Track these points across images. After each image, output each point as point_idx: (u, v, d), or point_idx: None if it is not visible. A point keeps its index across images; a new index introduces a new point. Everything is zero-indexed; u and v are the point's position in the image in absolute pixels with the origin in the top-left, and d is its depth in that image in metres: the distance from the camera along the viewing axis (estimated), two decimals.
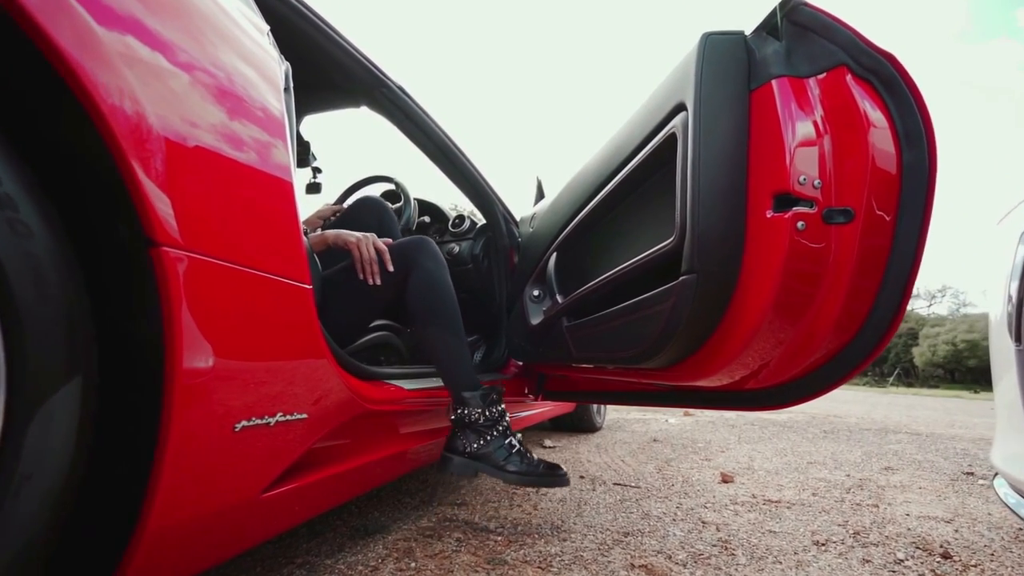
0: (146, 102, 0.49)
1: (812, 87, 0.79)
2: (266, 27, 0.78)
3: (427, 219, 1.99)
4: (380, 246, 1.14)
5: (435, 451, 1.35)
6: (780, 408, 1.00)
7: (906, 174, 0.77)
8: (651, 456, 2.23)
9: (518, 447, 1.15)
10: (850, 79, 0.77)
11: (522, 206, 1.84)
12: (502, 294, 1.65)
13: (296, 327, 0.71)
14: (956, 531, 1.31)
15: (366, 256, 1.12)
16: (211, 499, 0.60)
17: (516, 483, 1.12)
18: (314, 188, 1.65)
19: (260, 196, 0.65)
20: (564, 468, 1.18)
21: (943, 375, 36.03)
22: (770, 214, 0.78)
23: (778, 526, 1.31)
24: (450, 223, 1.88)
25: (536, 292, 1.45)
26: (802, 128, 0.78)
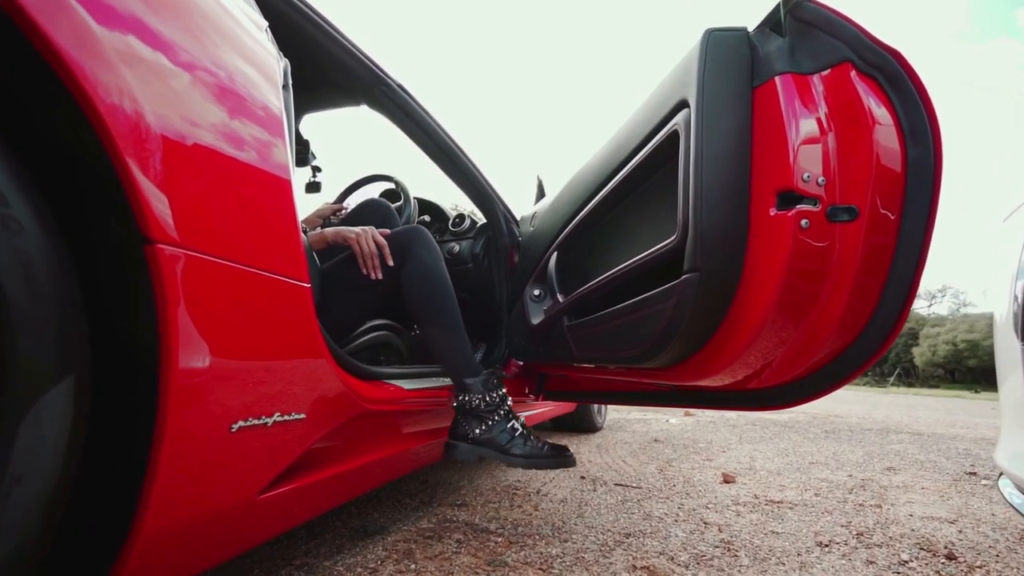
0: (141, 98, 0.48)
1: (816, 84, 0.78)
2: (264, 23, 0.77)
3: (427, 218, 1.98)
4: (380, 240, 1.15)
5: (435, 451, 1.34)
6: (783, 408, 0.99)
7: (911, 171, 0.76)
8: (652, 456, 2.22)
9: (521, 430, 1.15)
10: (854, 75, 0.76)
11: (522, 205, 1.83)
12: (502, 293, 1.64)
13: (294, 326, 0.70)
14: (960, 532, 1.30)
15: (367, 251, 1.13)
16: (207, 500, 0.59)
17: (521, 466, 1.12)
18: (314, 187, 1.64)
19: (258, 193, 0.64)
20: (569, 449, 1.18)
21: (943, 375, 36.02)
22: (773, 212, 0.77)
23: (781, 527, 1.30)
24: (450, 222, 1.88)
25: (537, 291, 1.44)
26: (806, 125, 0.77)
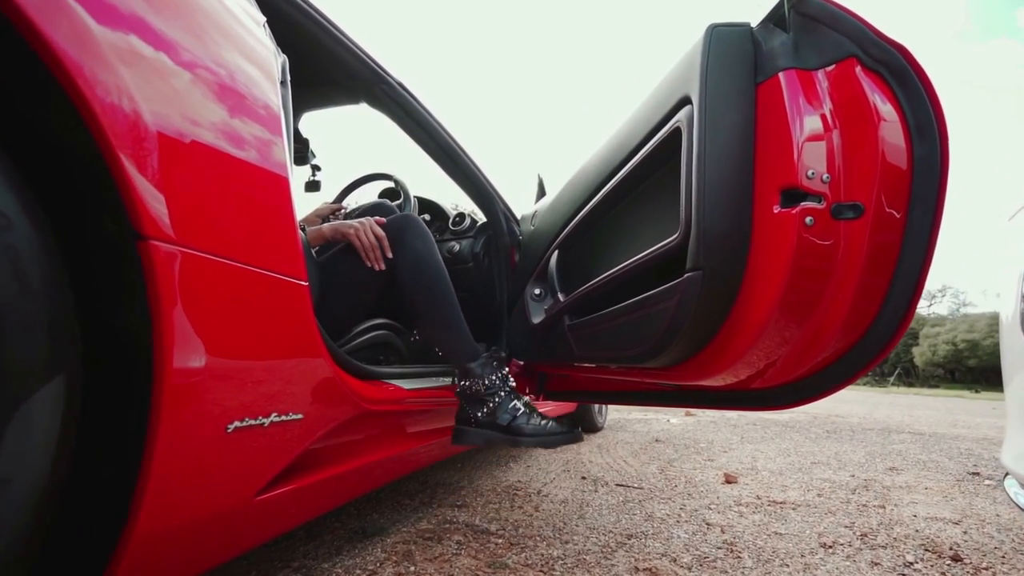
0: (135, 91, 0.47)
1: (820, 79, 0.77)
2: (262, 18, 0.76)
3: (427, 217, 1.97)
4: (379, 232, 1.15)
5: (436, 451, 1.33)
6: (786, 408, 0.98)
7: (917, 168, 0.75)
8: (653, 456, 2.21)
9: (524, 409, 1.15)
10: (859, 71, 0.75)
11: (523, 204, 1.82)
12: (503, 293, 1.63)
13: (291, 324, 0.69)
14: (965, 533, 1.29)
15: (367, 243, 1.13)
16: (202, 502, 0.58)
17: (528, 445, 1.12)
18: (313, 186, 1.63)
19: (254, 190, 0.63)
20: (573, 425, 1.19)
21: (943, 375, 36.01)
22: (777, 209, 0.76)
23: (784, 528, 1.29)
24: (450, 221, 1.86)
25: (537, 290, 1.44)
26: (810, 121, 0.76)
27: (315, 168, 1.58)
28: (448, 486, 1.61)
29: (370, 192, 1.95)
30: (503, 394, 1.15)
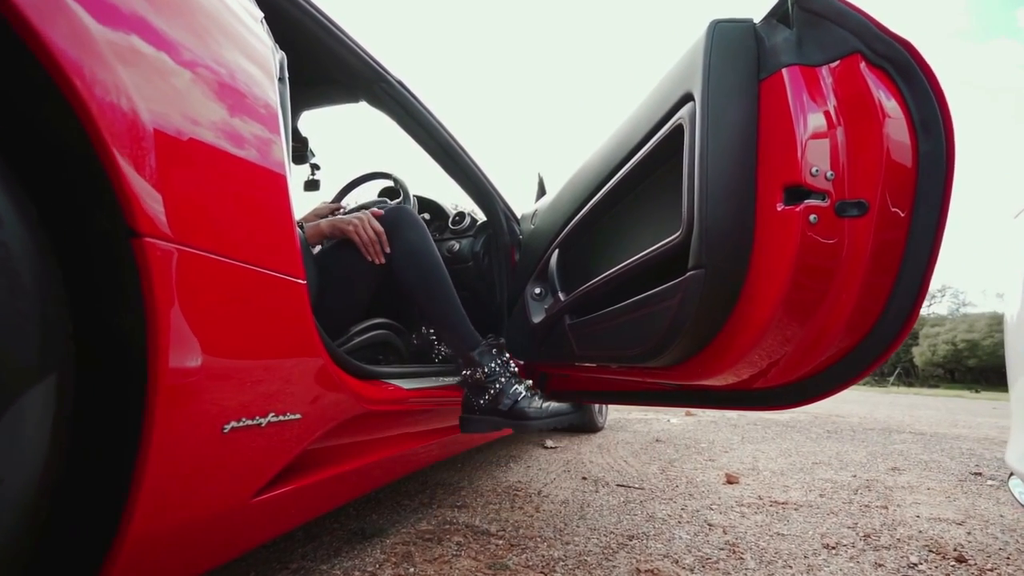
0: (129, 87, 0.46)
1: (824, 76, 0.76)
2: (260, 14, 0.75)
3: (427, 216, 1.96)
4: (378, 227, 1.15)
5: (435, 452, 1.32)
6: (788, 408, 0.97)
7: (922, 165, 0.74)
8: (654, 457, 2.20)
9: (526, 393, 1.16)
10: (864, 67, 0.74)
11: (523, 203, 1.81)
12: (503, 292, 1.63)
13: (289, 323, 0.68)
14: (969, 533, 1.28)
15: (367, 238, 1.13)
16: (198, 503, 0.57)
17: (534, 428, 1.14)
18: (312, 185, 1.62)
19: (251, 187, 0.62)
20: (572, 406, 1.21)
21: (943, 375, 36.01)
22: (781, 207, 0.75)
23: (786, 528, 1.28)
24: (450, 220, 1.86)
25: (538, 290, 1.43)
26: (814, 118, 0.75)
27: (314, 167, 1.57)
28: (448, 486, 1.60)
29: (369, 191, 1.94)
30: (504, 380, 1.16)
